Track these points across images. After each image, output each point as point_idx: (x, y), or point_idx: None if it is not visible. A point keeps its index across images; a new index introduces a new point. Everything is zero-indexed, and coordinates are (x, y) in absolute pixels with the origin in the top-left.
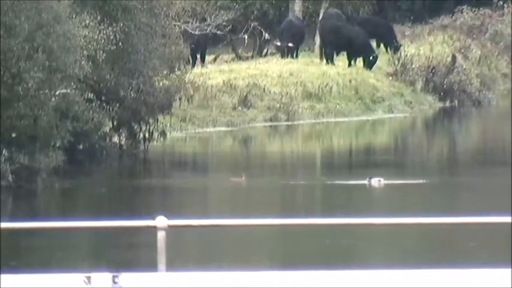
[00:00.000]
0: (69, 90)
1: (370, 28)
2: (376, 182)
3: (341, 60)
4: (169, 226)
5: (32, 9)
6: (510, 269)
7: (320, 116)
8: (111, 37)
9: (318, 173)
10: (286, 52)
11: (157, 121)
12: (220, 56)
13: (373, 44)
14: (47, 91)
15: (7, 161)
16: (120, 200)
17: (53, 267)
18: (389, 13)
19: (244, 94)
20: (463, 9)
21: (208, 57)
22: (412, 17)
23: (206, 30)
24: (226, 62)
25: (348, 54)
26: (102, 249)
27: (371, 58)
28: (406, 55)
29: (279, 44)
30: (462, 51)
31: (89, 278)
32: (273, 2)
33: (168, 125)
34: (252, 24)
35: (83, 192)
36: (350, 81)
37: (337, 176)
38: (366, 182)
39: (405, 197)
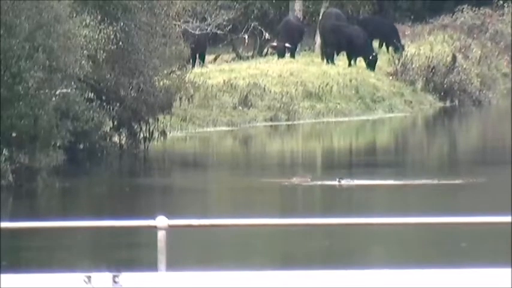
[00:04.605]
0: (69, 90)
1: (373, 28)
2: (347, 182)
3: (341, 59)
4: (170, 226)
5: (32, 9)
6: (510, 269)
7: (320, 115)
8: (112, 37)
9: (318, 173)
10: (284, 52)
11: (158, 121)
12: (220, 56)
13: (376, 44)
14: (47, 91)
15: (7, 160)
16: (121, 199)
17: (53, 267)
18: (389, 12)
19: (245, 94)
20: (463, 8)
21: (209, 57)
22: (412, 17)
23: (206, 29)
24: (227, 61)
25: (348, 53)
26: (103, 249)
27: (371, 58)
28: (406, 55)
29: (275, 44)
30: (462, 50)
31: (89, 277)
32: (274, 1)
33: (168, 124)
34: (253, 24)
35: (83, 191)
36: (350, 80)
37: (335, 176)
38: (336, 182)
39: (377, 198)
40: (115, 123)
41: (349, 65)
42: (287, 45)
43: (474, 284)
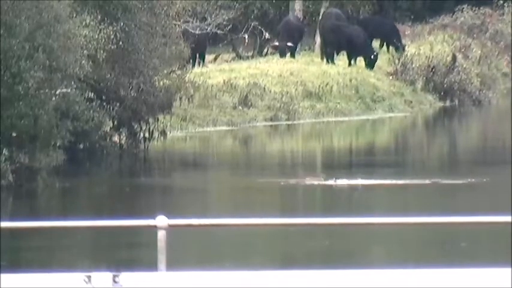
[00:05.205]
0: (69, 90)
1: (374, 28)
2: (344, 182)
3: (341, 59)
4: (170, 225)
5: (32, 9)
6: (510, 269)
7: (320, 115)
8: (112, 36)
9: (317, 173)
10: (285, 51)
11: (158, 120)
12: (220, 56)
13: (377, 43)
14: (47, 90)
15: (7, 160)
16: (121, 199)
17: (53, 267)
18: (389, 12)
19: (245, 93)
20: (463, 8)
21: (209, 57)
22: (412, 16)
23: (206, 29)
24: (227, 61)
25: (348, 53)
26: (103, 249)
27: (372, 57)
28: (406, 55)
29: (277, 43)
30: (462, 50)
31: (89, 277)
32: (274, 1)
33: (169, 124)
34: (253, 24)
35: (83, 191)
36: (350, 80)
37: (335, 176)
38: (332, 182)
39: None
40: (115, 123)
41: (349, 64)
42: (289, 44)
43: (474, 284)
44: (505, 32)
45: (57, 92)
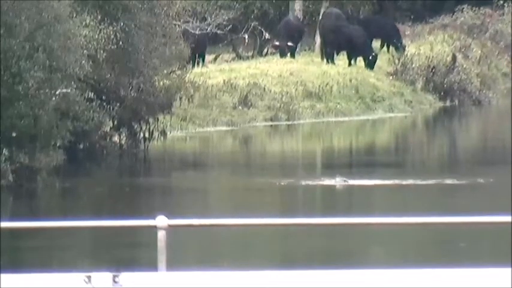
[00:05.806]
0: (69, 90)
1: (375, 27)
2: (341, 182)
3: (341, 59)
4: (170, 226)
5: (32, 9)
6: (510, 269)
7: (320, 115)
8: (112, 36)
9: (317, 173)
10: (285, 51)
11: (158, 120)
12: (220, 56)
13: (378, 43)
14: (47, 90)
15: (7, 160)
16: (121, 199)
17: (53, 267)
18: (389, 12)
19: (245, 93)
20: (463, 8)
21: (209, 57)
22: (412, 16)
23: (206, 29)
24: (227, 61)
25: (348, 53)
26: (103, 249)
27: (371, 57)
28: (406, 54)
29: (277, 43)
30: (462, 50)
31: (89, 277)
32: (274, 1)
33: (169, 124)
34: (253, 24)
35: (83, 191)
36: (350, 80)
37: (335, 176)
38: (334, 182)
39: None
40: (115, 123)
41: (349, 64)
42: (289, 44)
43: (474, 284)
44: (505, 32)
45: (57, 92)
